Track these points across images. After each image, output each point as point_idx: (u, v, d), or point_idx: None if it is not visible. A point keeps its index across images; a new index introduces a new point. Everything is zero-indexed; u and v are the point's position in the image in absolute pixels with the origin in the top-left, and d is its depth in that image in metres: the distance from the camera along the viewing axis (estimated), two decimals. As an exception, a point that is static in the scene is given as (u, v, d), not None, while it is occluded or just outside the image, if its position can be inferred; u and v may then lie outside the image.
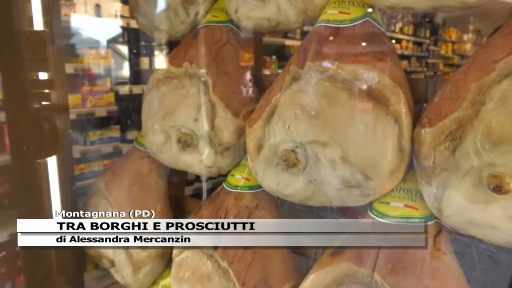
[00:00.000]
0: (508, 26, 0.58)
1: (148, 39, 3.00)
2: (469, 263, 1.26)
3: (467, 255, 1.26)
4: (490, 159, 0.53)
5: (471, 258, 1.27)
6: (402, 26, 6.45)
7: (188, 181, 3.35)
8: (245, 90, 0.93)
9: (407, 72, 6.16)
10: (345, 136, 0.66)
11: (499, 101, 0.53)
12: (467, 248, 1.23)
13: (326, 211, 1.51)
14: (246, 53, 3.74)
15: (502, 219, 0.54)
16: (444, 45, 7.74)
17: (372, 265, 0.62)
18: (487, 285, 1.23)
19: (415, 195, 0.67)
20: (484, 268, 1.23)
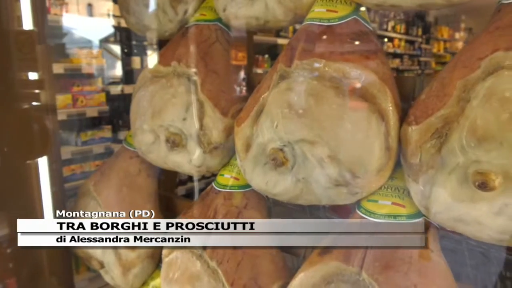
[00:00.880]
0: (493, 23, 0.59)
1: (140, 39, 2.98)
2: (460, 260, 1.27)
3: (458, 252, 1.27)
4: (475, 156, 0.53)
5: (462, 255, 1.27)
6: (394, 24, 6.48)
7: (181, 181, 3.35)
8: (234, 89, 0.92)
9: (399, 71, 6.18)
10: (333, 135, 0.66)
11: (484, 98, 0.53)
12: (458, 245, 1.23)
13: (318, 209, 1.51)
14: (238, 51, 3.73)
15: (488, 216, 0.54)
16: (436, 43, 7.79)
17: (360, 263, 0.62)
18: (478, 281, 1.24)
19: (402, 192, 0.67)
20: (474, 264, 1.24)
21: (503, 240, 0.55)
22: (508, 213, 0.53)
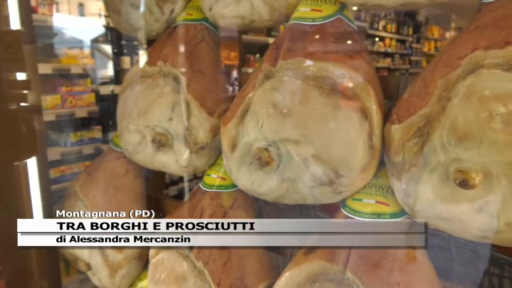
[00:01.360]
0: (473, 22, 0.59)
1: (131, 38, 2.96)
2: (449, 257, 1.28)
3: (447, 249, 1.28)
4: (456, 154, 0.54)
5: (450, 252, 1.29)
6: (385, 24, 6.51)
7: (173, 181, 3.34)
8: (220, 88, 0.92)
9: (390, 70, 6.21)
10: (317, 134, 0.66)
11: (464, 97, 0.53)
12: (447, 243, 1.25)
13: (308, 209, 1.52)
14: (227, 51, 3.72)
15: (469, 214, 0.55)
16: (426, 42, 7.85)
17: (344, 262, 0.62)
18: (466, 278, 1.25)
19: (386, 191, 0.67)
20: (463, 261, 1.25)
21: (485, 238, 0.56)
22: (489, 211, 0.53)
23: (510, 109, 0.49)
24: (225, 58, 4.31)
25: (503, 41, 0.52)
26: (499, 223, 0.52)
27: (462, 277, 1.26)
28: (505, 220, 0.52)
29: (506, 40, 0.52)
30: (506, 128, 0.49)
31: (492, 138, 0.50)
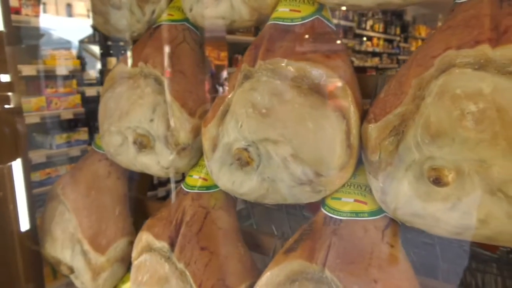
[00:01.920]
0: (446, 22, 0.60)
1: (117, 39, 2.94)
2: (434, 254, 1.30)
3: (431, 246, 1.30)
4: (429, 152, 0.54)
5: (435, 249, 1.30)
6: (373, 23, 6.56)
7: (161, 182, 3.32)
8: (201, 89, 0.92)
9: (379, 69, 6.27)
10: (295, 134, 0.66)
11: (437, 96, 0.54)
12: (431, 240, 1.26)
13: (295, 208, 1.52)
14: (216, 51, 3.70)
15: (443, 211, 0.55)
16: (414, 41, 7.93)
17: (323, 261, 0.63)
18: (450, 274, 1.27)
19: (364, 189, 0.68)
20: (447, 257, 1.27)
21: (459, 234, 0.57)
22: (462, 208, 0.54)
23: (480, 107, 0.50)
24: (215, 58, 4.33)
25: (474, 41, 0.53)
26: (471, 220, 0.53)
27: (446, 273, 1.28)
28: (478, 217, 0.53)
29: (477, 39, 0.53)
30: (476, 126, 0.50)
31: (463, 136, 0.51)
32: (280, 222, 1.60)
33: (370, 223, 0.65)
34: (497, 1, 0.55)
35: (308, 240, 0.67)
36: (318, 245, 0.65)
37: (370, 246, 0.62)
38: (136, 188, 1.25)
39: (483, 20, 0.54)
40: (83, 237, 0.95)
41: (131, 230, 1.01)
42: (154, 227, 0.85)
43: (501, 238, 0.53)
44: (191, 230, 0.80)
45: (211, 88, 0.95)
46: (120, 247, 0.98)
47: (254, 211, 1.84)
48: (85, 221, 0.97)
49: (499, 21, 0.53)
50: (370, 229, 0.64)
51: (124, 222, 1.00)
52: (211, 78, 0.96)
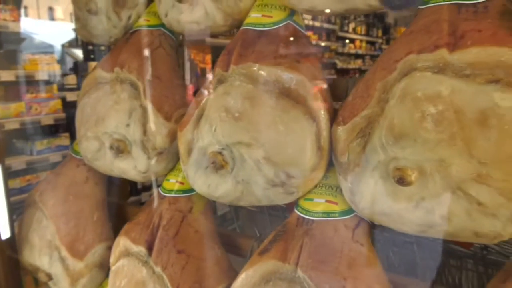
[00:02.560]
0: (409, 27, 0.62)
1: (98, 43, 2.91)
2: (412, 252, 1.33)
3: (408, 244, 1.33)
4: (393, 153, 0.56)
5: (412, 247, 1.33)
6: (355, 26, 6.65)
7: (145, 187, 3.30)
8: (177, 93, 0.92)
9: (362, 71, 6.36)
10: (267, 137, 0.68)
11: (399, 99, 0.56)
12: (408, 238, 1.29)
13: (277, 210, 1.54)
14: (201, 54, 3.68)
15: (407, 209, 0.57)
16: (396, 44, 8.03)
17: (296, 260, 0.64)
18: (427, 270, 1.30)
19: (335, 190, 0.70)
20: (424, 255, 1.30)
21: (423, 231, 0.58)
22: (425, 206, 0.56)
23: (440, 109, 0.52)
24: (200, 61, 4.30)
25: (433, 45, 0.55)
26: (434, 217, 0.55)
27: (424, 270, 1.31)
28: (439, 215, 0.55)
29: (436, 44, 0.55)
30: (436, 127, 0.52)
31: (424, 137, 0.53)
32: (263, 224, 1.62)
33: (340, 223, 0.67)
34: (456, 7, 0.58)
35: (281, 241, 0.69)
36: (291, 246, 0.67)
37: (340, 245, 0.64)
38: (116, 193, 1.25)
39: (442, 25, 0.56)
40: (61, 243, 0.95)
41: (110, 235, 1.01)
42: (132, 232, 0.85)
43: (462, 234, 0.55)
44: (168, 234, 0.80)
45: (196, 91, 0.96)
46: (98, 253, 0.98)
47: (238, 214, 1.85)
48: (62, 228, 0.96)
49: (457, 26, 0.55)
50: (340, 229, 0.66)
51: (103, 227, 1.00)
52: (197, 81, 0.97)
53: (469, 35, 0.53)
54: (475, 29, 0.54)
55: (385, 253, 1.32)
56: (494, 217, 0.51)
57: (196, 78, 4.02)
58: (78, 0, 1.05)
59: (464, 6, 0.57)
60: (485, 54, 0.51)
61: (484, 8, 0.56)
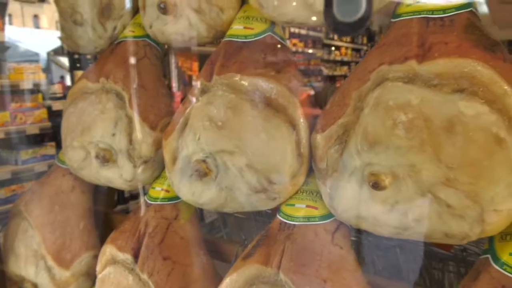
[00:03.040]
0: (382, 39, 0.65)
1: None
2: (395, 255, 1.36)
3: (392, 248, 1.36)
4: (368, 159, 0.59)
5: (395, 250, 1.36)
6: (341, 33, 6.75)
7: (133, 195, 3.29)
8: (162, 103, 0.94)
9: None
10: (249, 144, 0.70)
11: (373, 107, 0.59)
12: (391, 242, 1.32)
13: (263, 216, 1.56)
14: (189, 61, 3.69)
15: (383, 213, 0.60)
16: (381, 50, 8.17)
17: (278, 264, 0.66)
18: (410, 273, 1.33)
19: (315, 195, 0.72)
20: (406, 258, 1.33)
21: (399, 233, 0.61)
22: (399, 209, 0.59)
23: (410, 117, 0.55)
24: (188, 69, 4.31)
25: (403, 57, 0.58)
26: (408, 220, 0.58)
27: (407, 273, 1.34)
28: (413, 217, 0.58)
29: (406, 56, 0.58)
30: (407, 134, 0.55)
31: (396, 143, 0.56)
32: (250, 230, 1.63)
33: (320, 227, 0.69)
34: (425, 21, 0.61)
35: (264, 245, 0.71)
36: (274, 250, 0.69)
37: (321, 249, 0.66)
38: (103, 202, 1.26)
39: (411, 38, 0.59)
40: (47, 252, 0.95)
41: (96, 244, 1.02)
42: (118, 240, 0.86)
43: (434, 235, 0.58)
44: (154, 241, 0.81)
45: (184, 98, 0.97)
46: (85, 261, 0.98)
47: (225, 222, 1.87)
48: (48, 237, 0.97)
49: (425, 39, 0.59)
50: (320, 233, 0.68)
51: (89, 236, 1.00)
52: (184, 88, 0.98)
53: (436, 47, 0.57)
54: (442, 42, 0.57)
55: (370, 257, 1.35)
56: (461, 218, 0.54)
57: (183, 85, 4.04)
58: (64, 11, 1.06)
59: (432, 19, 0.61)
60: (451, 65, 0.55)
61: (451, 21, 0.59)
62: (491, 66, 0.53)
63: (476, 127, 0.52)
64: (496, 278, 0.55)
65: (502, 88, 0.52)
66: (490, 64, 0.53)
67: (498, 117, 0.51)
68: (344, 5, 0.31)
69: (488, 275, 0.56)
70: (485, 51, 0.55)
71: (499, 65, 0.54)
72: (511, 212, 0.53)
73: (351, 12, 0.31)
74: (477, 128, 0.52)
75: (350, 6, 0.31)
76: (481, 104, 0.52)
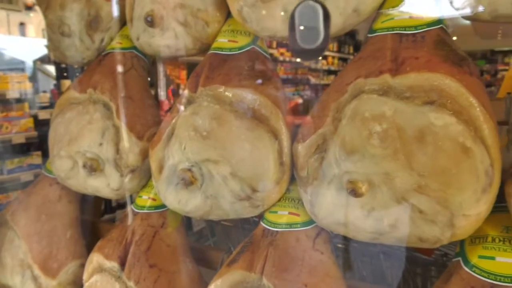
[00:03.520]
0: (359, 53, 0.69)
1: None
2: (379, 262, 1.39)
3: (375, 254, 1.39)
4: (346, 167, 0.62)
5: (379, 257, 1.39)
6: (327, 43, 6.85)
7: (120, 204, 3.27)
8: (149, 113, 0.96)
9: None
10: (233, 154, 0.73)
11: (350, 118, 0.62)
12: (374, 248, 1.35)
13: (250, 224, 1.58)
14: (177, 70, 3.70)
15: (360, 218, 0.63)
16: (367, 60, 8.29)
17: (261, 270, 0.68)
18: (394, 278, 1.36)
19: (297, 203, 0.75)
20: (390, 264, 1.36)
21: (376, 238, 0.64)
22: (375, 215, 0.61)
23: (384, 127, 0.58)
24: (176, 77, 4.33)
25: (378, 71, 0.62)
26: (383, 225, 0.61)
27: (390, 278, 1.37)
28: (388, 222, 0.61)
29: (380, 69, 0.61)
30: (381, 144, 0.58)
31: (371, 152, 0.59)
32: (237, 238, 1.65)
33: (302, 233, 0.72)
34: (398, 36, 0.65)
35: (248, 251, 0.73)
36: (257, 256, 0.71)
37: (302, 254, 0.69)
38: (90, 211, 1.26)
39: (385, 53, 0.63)
40: (33, 262, 0.95)
41: (83, 253, 1.03)
42: (105, 248, 0.87)
43: (409, 240, 0.61)
44: (140, 249, 0.83)
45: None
46: (71, 270, 0.99)
47: (213, 230, 1.88)
48: (35, 246, 0.97)
49: (398, 54, 0.62)
50: (302, 239, 0.71)
51: (76, 245, 1.01)
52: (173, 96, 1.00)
53: (408, 62, 0.60)
54: (413, 57, 0.61)
55: (355, 263, 1.38)
56: (433, 223, 0.57)
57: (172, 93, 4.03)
58: (52, 23, 1.08)
59: (405, 35, 0.64)
60: (421, 79, 0.58)
61: (422, 38, 0.63)
62: (458, 80, 0.56)
63: (445, 137, 0.55)
64: (466, 280, 0.58)
65: (468, 100, 0.56)
66: (457, 78, 0.57)
67: (464, 128, 0.55)
68: (305, 33, 0.34)
69: (459, 276, 0.60)
70: (453, 66, 0.58)
71: (466, 78, 0.57)
72: (478, 216, 0.57)
73: (312, 40, 0.34)
74: (445, 138, 0.55)
75: (310, 34, 0.33)
76: (449, 115, 0.56)
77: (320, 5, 0.32)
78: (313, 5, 0.33)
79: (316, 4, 0.32)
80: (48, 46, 1.15)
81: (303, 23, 0.33)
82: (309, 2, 0.33)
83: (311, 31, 0.32)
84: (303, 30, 0.32)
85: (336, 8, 0.68)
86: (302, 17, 0.35)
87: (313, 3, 0.33)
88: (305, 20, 0.34)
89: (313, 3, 0.33)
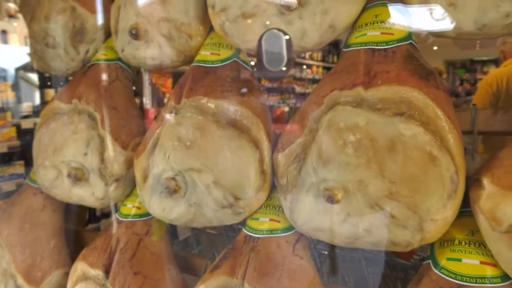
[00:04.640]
0: (335, 67, 0.73)
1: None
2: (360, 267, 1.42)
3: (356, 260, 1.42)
4: (323, 175, 0.65)
5: (361, 263, 1.43)
6: (312, 52, 6.96)
7: (104, 214, 3.24)
8: (134, 123, 0.98)
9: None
10: (216, 163, 0.75)
11: (326, 128, 0.65)
12: (356, 254, 1.39)
13: (234, 231, 1.60)
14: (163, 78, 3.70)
15: (337, 224, 0.66)
16: (350, 68, 8.43)
17: (243, 275, 0.71)
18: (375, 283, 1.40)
19: (278, 210, 0.77)
20: (372, 270, 1.40)
21: (351, 243, 0.67)
22: (351, 221, 0.65)
23: (358, 137, 0.62)
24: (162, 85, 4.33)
25: (352, 84, 0.65)
26: (359, 230, 0.64)
27: (371, 283, 1.40)
28: (363, 228, 0.64)
29: (354, 82, 0.65)
30: (355, 153, 0.62)
31: (346, 161, 0.62)
32: (222, 246, 1.67)
33: (282, 239, 0.74)
34: (370, 51, 0.69)
35: (230, 257, 0.75)
36: (239, 262, 0.73)
37: (282, 259, 0.71)
38: (74, 220, 1.27)
39: (359, 67, 0.67)
40: (17, 271, 0.96)
41: (67, 262, 1.03)
42: (89, 256, 0.88)
43: (383, 244, 0.64)
44: (125, 257, 0.84)
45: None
46: (55, 279, 0.99)
47: (199, 239, 1.90)
48: (18, 256, 0.98)
49: (370, 68, 0.66)
50: (282, 244, 0.73)
51: (60, 254, 1.02)
52: (158, 105, 1.02)
53: (380, 76, 0.64)
54: (384, 71, 0.64)
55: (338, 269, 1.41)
56: (404, 228, 0.61)
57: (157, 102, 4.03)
58: (36, 34, 1.09)
59: (377, 50, 0.68)
60: (391, 92, 0.62)
61: (393, 53, 0.67)
62: (425, 93, 0.60)
63: (413, 146, 0.59)
64: (435, 281, 0.62)
65: (434, 112, 0.60)
66: (424, 90, 0.61)
67: (431, 137, 0.59)
68: (271, 57, 0.37)
69: (429, 278, 0.63)
70: (421, 79, 0.62)
71: (432, 91, 0.61)
72: (445, 221, 0.60)
73: (276, 63, 0.37)
74: (414, 147, 0.59)
75: (275, 59, 0.36)
76: (417, 126, 0.60)
77: (283, 33, 0.35)
78: (277, 33, 0.36)
79: (279, 32, 0.35)
80: (31, 56, 1.16)
81: (269, 49, 0.36)
82: (273, 30, 0.36)
83: (276, 56, 0.35)
84: (269, 55, 0.35)
85: (313, 24, 0.72)
86: (268, 43, 0.38)
87: (277, 32, 0.36)
88: (271, 46, 0.37)
89: (277, 31, 0.36)
